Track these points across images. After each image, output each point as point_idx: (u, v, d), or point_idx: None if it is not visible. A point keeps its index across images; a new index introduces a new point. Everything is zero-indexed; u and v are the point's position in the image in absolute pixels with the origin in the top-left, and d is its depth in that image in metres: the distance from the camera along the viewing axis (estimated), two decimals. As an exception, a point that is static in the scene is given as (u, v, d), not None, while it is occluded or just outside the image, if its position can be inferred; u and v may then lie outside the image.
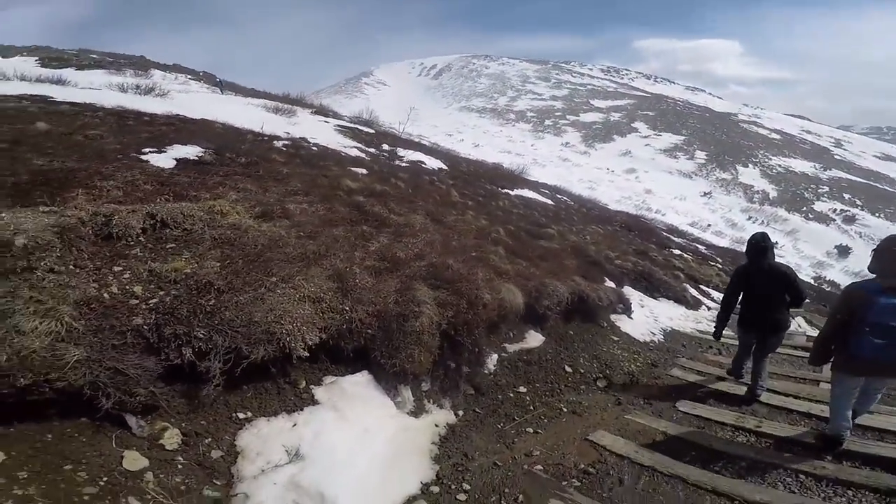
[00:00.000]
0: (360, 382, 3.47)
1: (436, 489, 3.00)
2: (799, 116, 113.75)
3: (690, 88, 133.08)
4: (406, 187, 9.65)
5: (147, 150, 6.75)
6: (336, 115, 21.27)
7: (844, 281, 38.28)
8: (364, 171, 10.03)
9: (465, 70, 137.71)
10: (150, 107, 11.28)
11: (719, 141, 71.99)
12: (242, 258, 3.75)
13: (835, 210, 52.35)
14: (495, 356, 4.29)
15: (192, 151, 7.15)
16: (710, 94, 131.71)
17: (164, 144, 7.19)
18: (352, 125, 18.21)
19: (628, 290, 8.67)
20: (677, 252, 16.05)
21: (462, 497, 2.95)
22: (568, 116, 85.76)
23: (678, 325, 8.02)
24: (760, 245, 4.14)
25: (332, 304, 3.48)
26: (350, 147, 13.30)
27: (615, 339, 6.38)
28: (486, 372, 4.13)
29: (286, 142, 11.16)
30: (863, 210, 52.48)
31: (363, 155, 12.92)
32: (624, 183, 56.47)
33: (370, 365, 3.57)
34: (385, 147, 15.63)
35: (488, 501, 2.93)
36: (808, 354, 4.98)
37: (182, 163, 6.54)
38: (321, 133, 14.54)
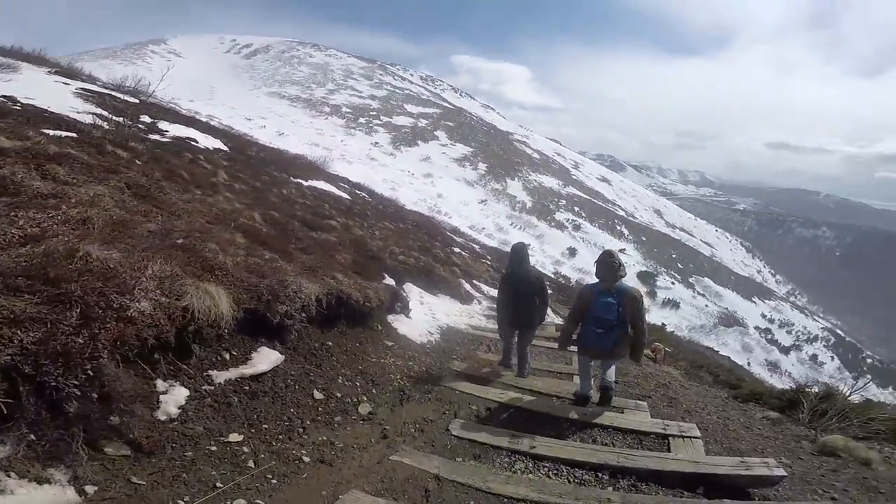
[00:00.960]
0: None
1: None
2: (554, 140, 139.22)
3: (485, 106, 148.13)
4: (140, 159, 6.93)
5: None
6: (90, 80, 15.53)
7: (574, 276, 48.43)
8: (74, 135, 6.86)
9: (285, 55, 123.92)
10: None
11: (497, 155, 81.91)
12: None
13: (568, 219, 65.95)
14: (184, 392, 2.65)
15: None
16: (498, 113, 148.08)
17: None
18: (106, 91, 13.36)
19: (409, 287, 8.01)
20: (457, 250, 16.82)
21: None
22: (382, 117, 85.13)
23: (454, 322, 7.73)
24: (520, 254, 4.97)
25: None
26: (82, 112, 9.31)
27: (390, 344, 5.45)
28: (160, 418, 2.47)
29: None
30: (585, 220, 67.60)
31: (102, 122, 9.17)
32: (422, 186, 59.05)
33: None
34: (145, 119, 12.06)
35: None
36: (553, 343, 6.21)
37: None
38: (48, 93, 10.11)
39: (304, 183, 15.50)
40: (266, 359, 3.62)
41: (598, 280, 4.06)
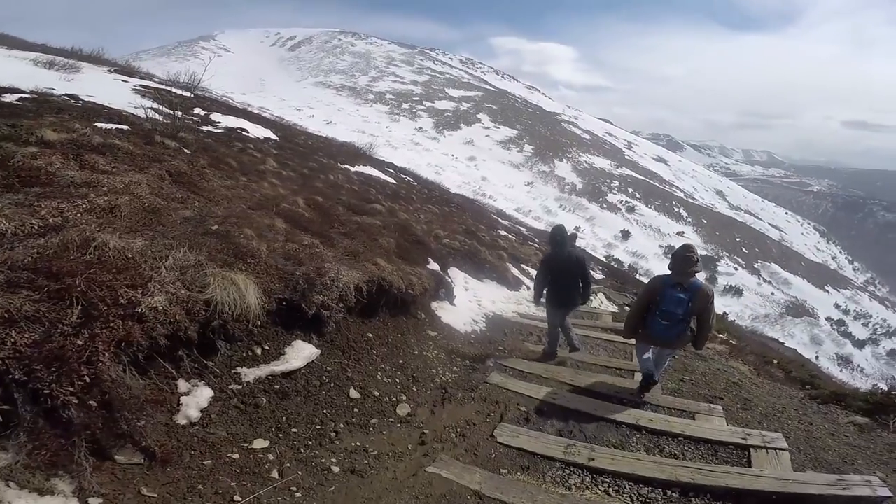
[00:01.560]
0: None
1: None
2: (605, 120, 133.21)
3: (529, 87, 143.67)
4: (189, 149, 7.01)
5: None
6: (148, 77, 16.12)
7: (626, 259, 46.30)
8: (125, 127, 7.03)
9: (328, 45, 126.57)
10: None
11: (544, 137, 79.59)
12: None
13: (621, 201, 62.89)
14: (207, 393, 2.44)
15: None
16: (544, 94, 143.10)
17: None
18: (162, 86, 13.94)
19: (454, 272, 7.66)
20: (503, 233, 16.26)
21: None
22: (424, 102, 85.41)
23: (501, 309, 7.30)
24: (557, 238, 4.85)
25: None
26: (138, 107, 9.70)
27: (433, 334, 5.14)
28: (180, 423, 2.27)
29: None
30: (640, 202, 64.18)
31: (156, 115, 9.49)
32: (465, 169, 58.51)
33: None
34: (199, 111, 12.38)
35: None
36: (616, 337, 6.10)
37: None
38: (108, 91, 10.57)
39: (352, 169, 15.53)
40: (300, 354, 3.39)
41: (670, 272, 3.86)
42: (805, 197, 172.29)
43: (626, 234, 53.33)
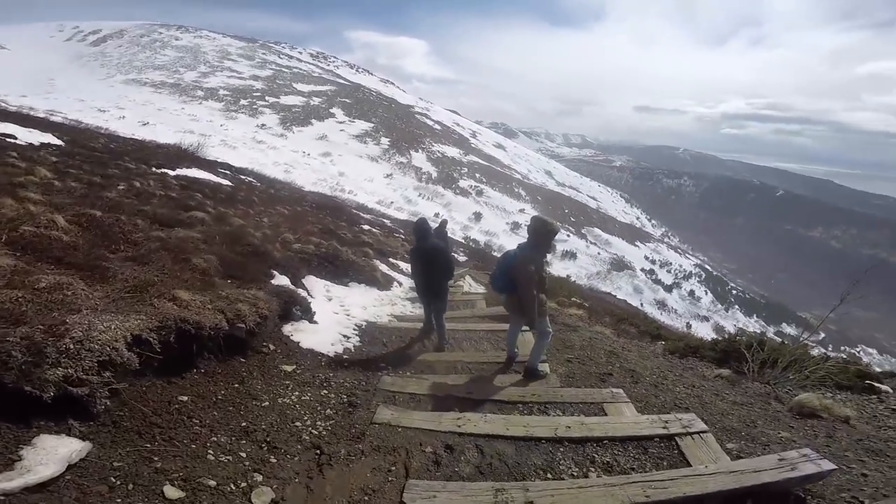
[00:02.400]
0: None
1: None
2: (453, 111, 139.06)
3: (384, 81, 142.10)
4: None
5: None
6: None
7: (482, 238, 49.12)
8: None
9: (144, 39, 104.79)
10: None
11: (400, 129, 79.61)
12: None
13: (471, 186, 66.55)
14: None
15: None
16: (398, 87, 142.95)
17: None
18: None
19: (312, 282, 6.41)
20: (367, 228, 15.18)
21: None
22: (267, 98, 77.60)
23: (374, 315, 6.32)
24: (420, 231, 5.00)
25: None
26: None
27: (289, 369, 3.91)
28: None
29: None
30: (487, 185, 68.82)
31: None
32: (320, 166, 55.20)
33: None
34: None
35: None
36: (497, 325, 5.83)
37: None
38: None
39: (172, 173, 12.94)
40: (51, 455, 1.96)
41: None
42: (611, 171, 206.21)
43: (478, 216, 56.62)
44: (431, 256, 4.92)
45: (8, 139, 9.52)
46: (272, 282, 5.06)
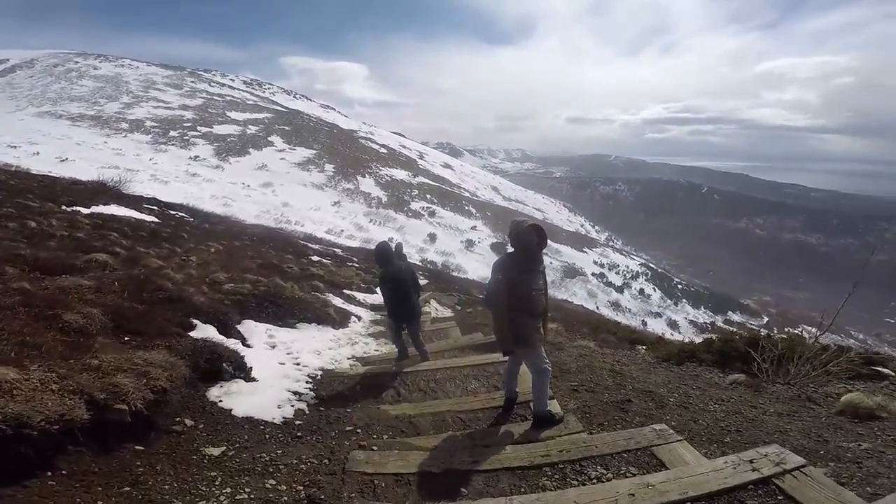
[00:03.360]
0: None
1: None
2: (398, 133, 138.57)
3: (324, 106, 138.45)
4: None
5: None
6: None
7: (438, 259, 48.37)
8: None
9: (59, 69, 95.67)
10: None
11: (344, 155, 77.37)
12: None
13: (423, 207, 65.89)
14: None
15: None
16: (339, 112, 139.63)
17: None
18: None
19: (249, 327, 5.20)
20: (316, 259, 13.84)
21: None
22: (199, 128, 72.71)
23: (331, 360, 5.18)
24: (382, 255, 4.90)
25: None
26: None
27: (216, 452, 2.79)
28: None
29: None
30: (438, 206, 68.44)
31: None
32: (261, 197, 52.18)
33: None
34: None
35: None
36: (481, 357, 4.90)
37: None
38: None
39: (84, 210, 11.36)
40: None
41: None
42: (552, 182, 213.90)
43: (433, 237, 55.91)
44: (400, 278, 4.86)
45: None
46: (191, 333, 3.87)
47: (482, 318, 8.19)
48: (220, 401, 3.27)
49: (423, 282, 15.41)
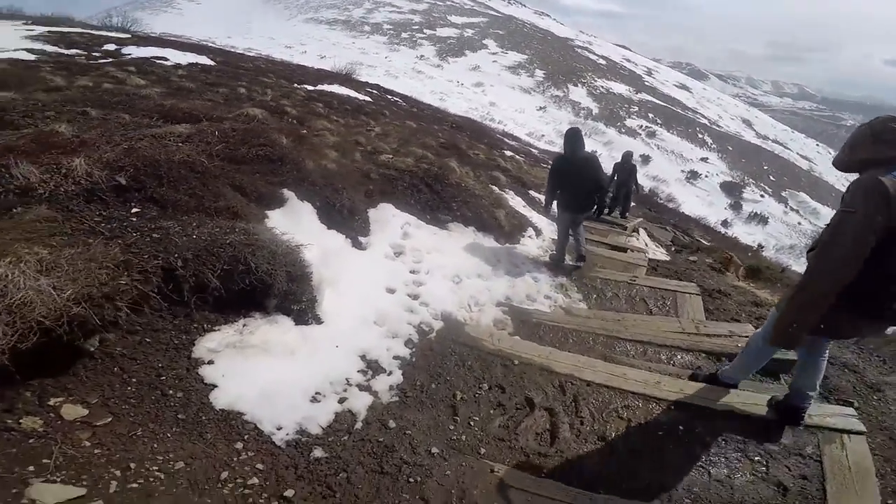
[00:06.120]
0: None
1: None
2: (623, 47, 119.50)
3: (538, 13, 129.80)
4: None
5: None
6: (53, 23, 14.22)
7: (646, 183, 40.93)
8: None
9: None
10: None
11: (556, 62, 71.11)
12: None
13: (641, 126, 55.97)
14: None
15: None
16: (555, 19, 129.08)
17: None
18: (74, 31, 12.19)
19: (384, 213, 3.52)
20: (509, 154, 11.74)
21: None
22: (425, 30, 77.31)
23: (469, 300, 3.09)
24: (571, 139, 4.21)
25: None
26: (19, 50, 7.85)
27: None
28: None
29: None
30: (661, 127, 57.11)
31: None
32: (472, 95, 52.75)
33: None
34: (110, 48, 10.40)
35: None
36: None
37: None
38: None
39: (309, 87, 11.49)
40: None
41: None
42: (837, 131, 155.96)
43: (646, 159, 47.47)
44: (579, 169, 4.06)
45: (157, 61, 9.51)
46: (270, 213, 2.28)
47: (713, 276, 5.11)
48: (211, 362, 1.64)
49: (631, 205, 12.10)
